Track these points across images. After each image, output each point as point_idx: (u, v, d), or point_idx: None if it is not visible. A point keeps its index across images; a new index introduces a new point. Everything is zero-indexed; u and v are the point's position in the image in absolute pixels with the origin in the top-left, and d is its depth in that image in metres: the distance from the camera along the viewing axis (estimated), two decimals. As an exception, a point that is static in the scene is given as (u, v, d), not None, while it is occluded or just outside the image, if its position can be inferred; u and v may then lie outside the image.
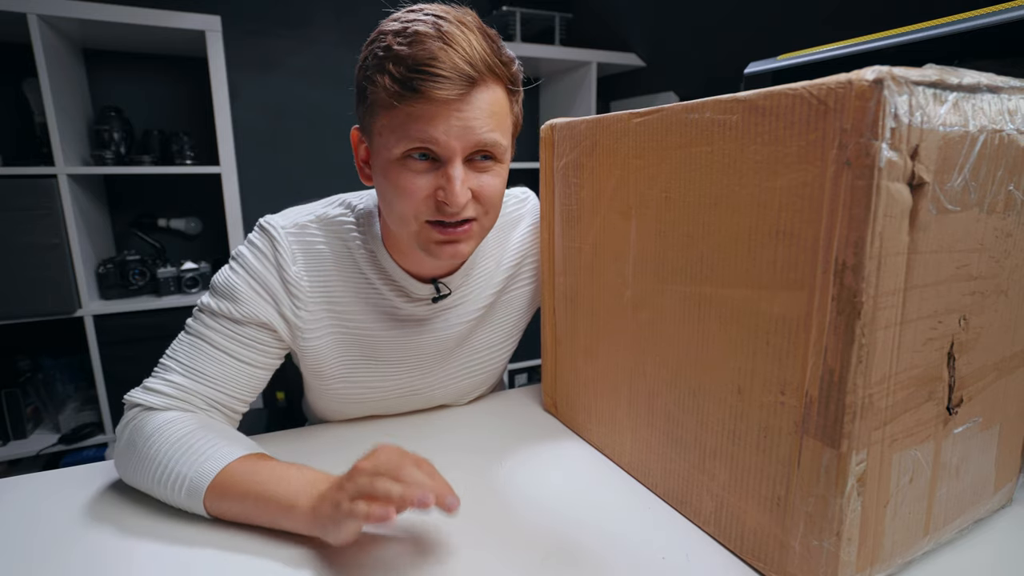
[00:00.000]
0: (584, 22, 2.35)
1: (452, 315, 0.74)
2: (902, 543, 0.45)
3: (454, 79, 0.52)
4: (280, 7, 2.03)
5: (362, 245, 0.68)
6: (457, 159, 0.56)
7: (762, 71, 0.71)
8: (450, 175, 0.56)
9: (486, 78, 0.55)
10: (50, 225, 1.52)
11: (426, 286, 0.70)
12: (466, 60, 0.53)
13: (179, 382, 0.60)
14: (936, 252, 0.39)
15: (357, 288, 0.69)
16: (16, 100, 1.71)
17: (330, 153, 2.15)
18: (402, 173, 0.57)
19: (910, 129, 0.35)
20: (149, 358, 0.64)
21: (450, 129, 0.54)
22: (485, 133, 0.56)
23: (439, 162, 0.57)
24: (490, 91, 0.56)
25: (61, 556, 0.50)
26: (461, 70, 0.52)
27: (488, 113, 0.56)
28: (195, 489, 0.52)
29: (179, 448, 0.54)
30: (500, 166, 0.61)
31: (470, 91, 0.54)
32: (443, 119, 0.54)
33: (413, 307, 0.71)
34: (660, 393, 0.56)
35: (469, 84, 0.53)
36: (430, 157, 0.56)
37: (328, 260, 0.67)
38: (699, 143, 0.47)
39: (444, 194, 0.56)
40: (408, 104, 0.53)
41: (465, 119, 0.54)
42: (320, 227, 0.68)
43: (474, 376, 0.80)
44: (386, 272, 0.69)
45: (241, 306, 0.63)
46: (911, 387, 0.41)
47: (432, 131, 0.54)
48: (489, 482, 0.61)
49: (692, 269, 0.50)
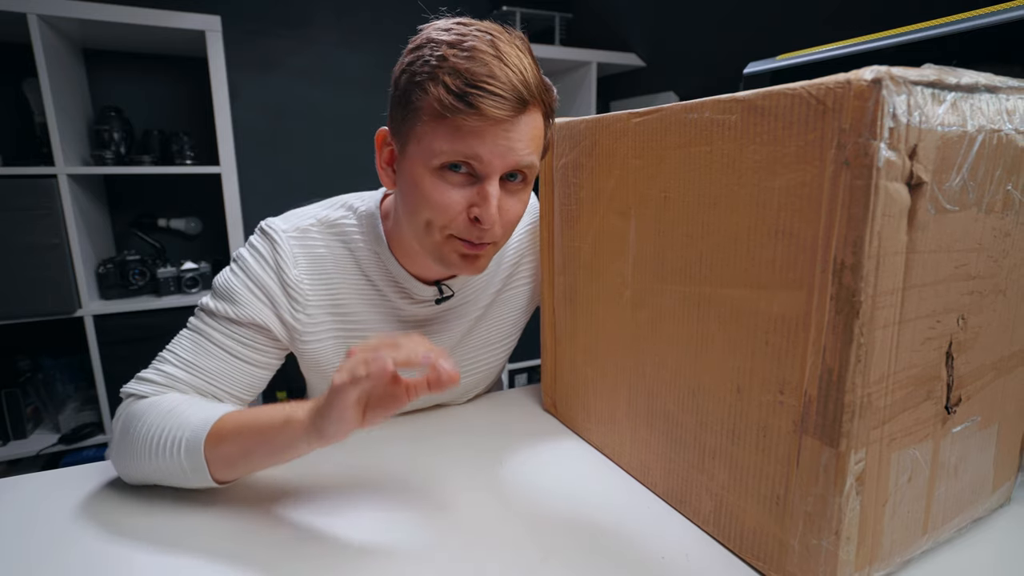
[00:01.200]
0: (584, 22, 2.36)
1: (453, 316, 0.74)
2: (901, 542, 0.45)
3: (510, 99, 0.52)
4: (280, 7, 2.04)
5: (365, 247, 0.68)
6: (495, 178, 0.56)
7: (761, 71, 0.72)
8: (487, 193, 0.56)
9: (533, 103, 0.55)
10: (50, 225, 1.52)
11: (429, 288, 0.70)
12: (522, 82, 0.53)
13: (172, 372, 0.62)
14: (934, 252, 0.39)
15: (359, 291, 0.69)
16: (16, 100, 1.71)
17: (330, 153, 2.15)
18: (437, 184, 0.56)
19: (908, 129, 0.35)
20: (149, 358, 0.64)
21: (496, 148, 0.54)
22: (525, 156, 0.56)
23: (476, 178, 0.57)
24: (534, 117, 0.56)
25: (61, 556, 0.50)
26: (517, 91, 0.53)
27: (530, 136, 0.56)
28: (194, 443, 0.53)
29: (172, 416, 0.56)
30: (526, 190, 0.61)
31: (520, 113, 0.54)
32: (491, 137, 0.54)
33: (416, 308, 0.71)
34: (659, 393, 0.56)
35: (521, 106, 0.54)
36: (467, 172, 0.56)
37: (330, 263, 0.68)
38: (698, 143, 0.47)
39: (479, 211, 0.56)
40: (459, 117, 0.53)
41: (511, 140, 0.54)
42: (322, 230, 0.68)
43: (473, 375, 0.80)
44: (390, 274, 0.69)
45: (239, 308, 0.64)
46: (910, 386, 0.41)
47: (478, 148, 0.54)
48: (489, 482, 0.61)
49: (691, 269, 0.50)
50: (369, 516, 0.55)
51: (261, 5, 2.00)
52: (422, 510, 0.56)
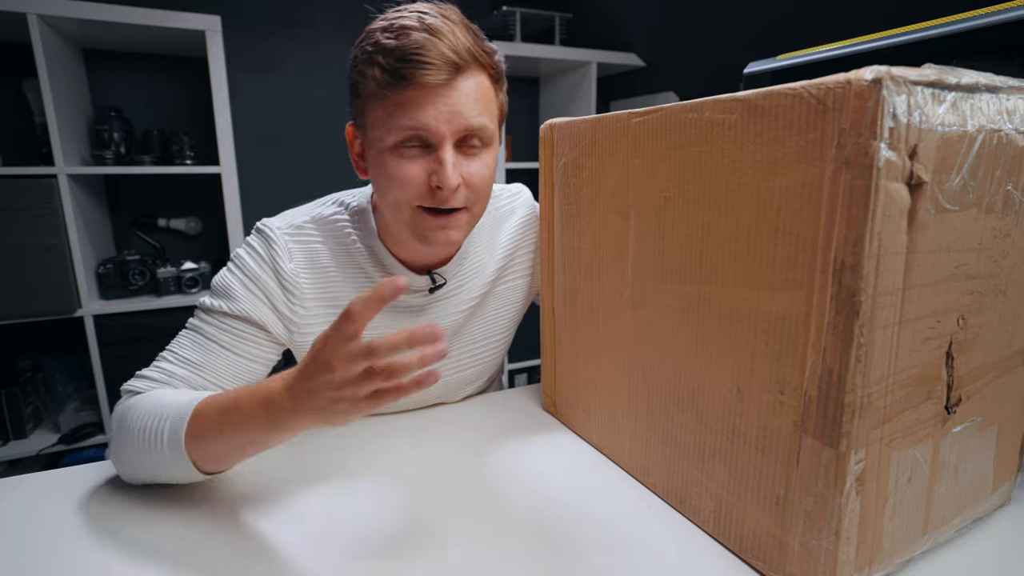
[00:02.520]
0: (584, 22, 2.35)
1: (448, 305, 0.75)
2: (901, 542, 0.45)
3: (440, 65, 0.55)
4: (280, 7, 2.03)
5: (358, 240, 0.70)
6: (447, 143, 0.58)
7: (762, 71, 0.72)
8: (442, 158, 0.58)
9: (470, 65, 0.58)
10: (50, 225, 1.52)
11: (422, 277, 0.72)
12: (451, 48, 0.56)
13: (169, 368, 0.62)
14: (934, 252, 0.39)
15: (355, 283, 0.71)
16: (16, 100, 1.71)
17: (330, 153, 2.15)
18: (395, 161, 0.59)
19: (908, 129, 0.35)
20: (149, 358, 0.65)
21: (439, 114, 0.57)
22: (473, 117, 0.59)
23: (431, 148, 0.59)
24: (475, 78, 0.59)
25: (61, 556, 0.50)
26: (446, 57, 0.55)
27: (474, 98, 0.59)
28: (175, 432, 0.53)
29: (154, 408, 0.56)
30: (488, 153, 0.63)
31: (456, 77, 0.57)
32: (431, 104, 0.56)
33: (410, 298, 0.73)
34: (660, 392, 0.56)
35: (455, 70, 0.57)
36: (422, 144, 0.59)
37: (325, 258, 0.70)
38: (698, 143, 0.47)
39: (437, 178, 0.58)
40: (398, 93, 0.56)
41: (452, 104, 0.57)
42: (316, 227, 0.70)
43: (469, 369, 0.81)
44: (383, 265, 0.71)
45: (235, 303, 0.65)
46: (910, 386, 0.41)
47: (422, 117, 0.56)
48: (488, 482, 0.61)
49: (691, 269, 0.50)
50: (368, 515, 0.55)
51: (261, 5, 2.00)
52: (421, 510, 0.56)
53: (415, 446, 0.70)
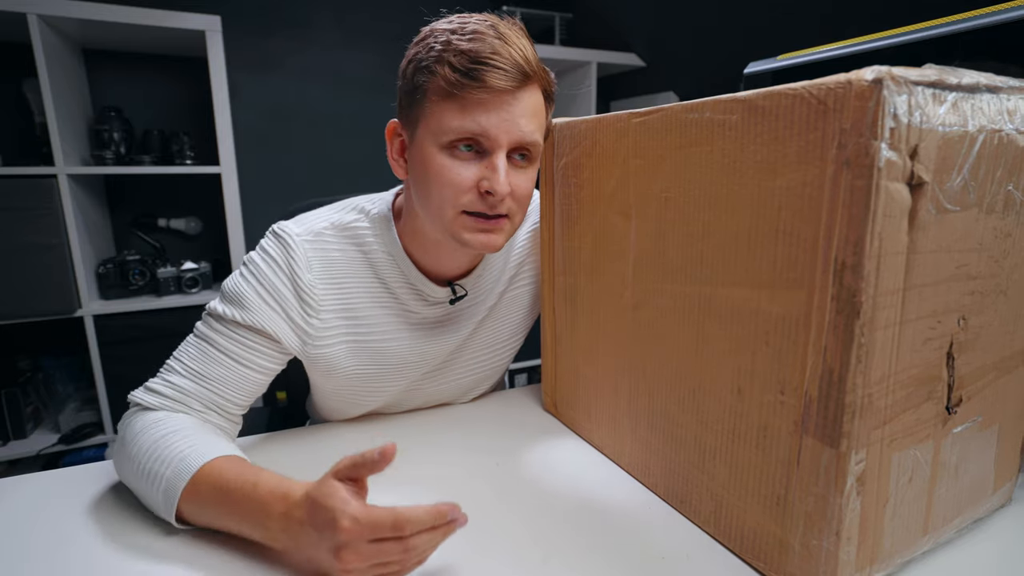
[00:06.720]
0: (584, 22, 2.35)
1: (464, 316, 0.75)
2: (901, 542, 0.45)
3: (512, 72, 0.56)
4: (280, 7, 2.03)
5: (379, 250, 0.68)
6: (502, 151, 0.59)
7: (762, 71, 0.71)
8: (496, 165, 0.58)
9: (534, 80, 0.59)
10: (50, 225, 1.52)
11: (443, 289, 0.71)
12: (523, 58, 0.57)
13: (178, 383, 0.61)
14: (935, 252, 0.39)
15: (373, 294, 0.69)
16: (16, 100, 1.71)
17: (330, 153, 2.15)
18: (448, 161, 0.59)
19: (909, 129, 0.35)
20: (149, 358, 0.64)
21: (501, 122, 0.57)
22: (529, 132, 0.59)
23: (483, 154, 0.59)
24: (535, 94, 0.60)
25: (61, 556, 0.50)
26: (518, 65, 0.57)
27: (532, 113, 0.60)
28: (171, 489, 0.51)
29: (159, 449, 0.54)
30: (533, 168, 0.64)
31: (522, 87, 0.58)
32: (496, 109, 0.57)
33: (430, 310, 0.72)
34: (660, 393, 0.56)
35: (523, 79, 0.58)
36: (475, 149, 0.59)
37: (344, 267, 0.68)
38: (699, 143, 0.47)
39: (488, 183, 0.59)
40: (467, 92, 0.56)
41: (514, 114, 0.58)
42: (336, 234, 0.68)
43: (477, 373, 0.80)
44: (404, 277, 0.69)
45: (248, 313, 0.63)
46: (910, 387, 0.41)
47: (484, 122, 0.57)
48: (489, 482, 0.61)
49: (692, 269, 0.50)
50: (369, 516, 0.55)
51: (261, 5, 2.00)
52: (422, 510, 0.56)
53: (416, 446, 0.70)
